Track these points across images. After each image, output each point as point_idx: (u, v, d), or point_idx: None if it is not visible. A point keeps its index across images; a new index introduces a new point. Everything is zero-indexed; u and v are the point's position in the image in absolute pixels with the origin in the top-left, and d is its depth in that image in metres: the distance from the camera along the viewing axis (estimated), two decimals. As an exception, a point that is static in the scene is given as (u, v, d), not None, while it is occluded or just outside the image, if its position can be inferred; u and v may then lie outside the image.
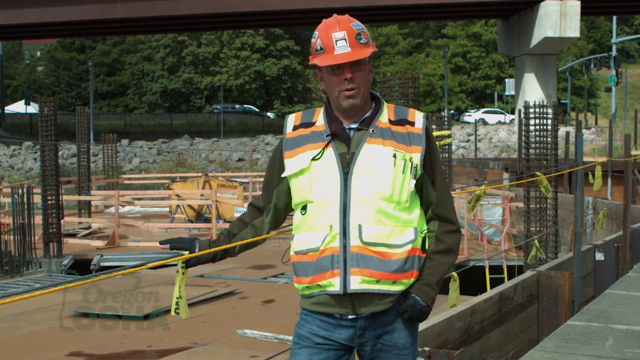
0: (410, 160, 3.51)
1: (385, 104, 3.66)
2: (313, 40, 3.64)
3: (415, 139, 3.56)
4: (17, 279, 14.11)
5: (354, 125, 3.58)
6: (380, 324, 3.57)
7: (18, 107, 74.09)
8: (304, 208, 3.59)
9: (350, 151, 3.53)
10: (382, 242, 3.47)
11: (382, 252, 3.47)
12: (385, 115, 3.60)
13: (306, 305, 3.65)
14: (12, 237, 14.87)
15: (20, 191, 15.13)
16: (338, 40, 3.52)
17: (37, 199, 15.98)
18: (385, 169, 3.49)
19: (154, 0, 47.99)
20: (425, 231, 3.62)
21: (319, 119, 3.65)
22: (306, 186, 3.57)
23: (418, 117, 3.61)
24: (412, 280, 3.54)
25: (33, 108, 64.21)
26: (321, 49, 3.58)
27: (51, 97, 17.42)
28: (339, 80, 3.54)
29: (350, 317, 3.56)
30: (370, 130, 3.54)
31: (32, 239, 15.15)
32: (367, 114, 3.59)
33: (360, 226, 3.47)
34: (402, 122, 3.58)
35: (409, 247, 3.50)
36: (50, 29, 55.78)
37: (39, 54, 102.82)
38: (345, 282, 3.48)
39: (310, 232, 3.57)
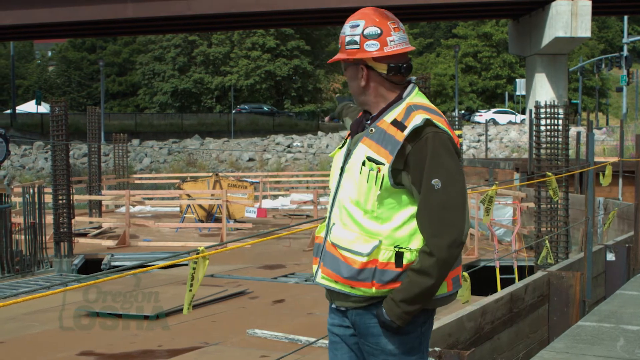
0: (378, 170, 3.41)
1: (406, 101, 3.54)
2: None
3: (393, 147, 3.42)
4: (28, 278, 14.14)
5: (369, 122, 3.62)
6: (366, 325, 3.55)
7: (29, 107, 74.22)
8: None
9: (349, 148, 3.61)
10: (345, 246, 3.47)
11: (345, 256, 3.47)
12: (394, 114, 3.51)
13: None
14: (23, 237, 14.90)
15: (31, 191, 15.16)
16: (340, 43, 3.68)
17: (48, 199, 16.01)
18: (355, 174, 3.50)
19: (165, 0, 48.06)
20: (404, 246, 3.44)
21: None
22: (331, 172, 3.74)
23: (412, 124, 3.41)
24: (374, 290, 3.44)
25: (44, 108, 64.33)
26: None
27: (62, 97, 17.37)
28: None
29: (333, 305, 3.65)
30: (369, 130, 3.53)
31: (43, 239, 15.17)
32: (377, 112, 3.59)
33: (333, 225, 3.55)
34: (400, 125, 3.45)
35: (364, 259, 3.42)
36: (61, 29, 55.91)
37: (50, 54, 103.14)
38: (317, 272, 3.62)
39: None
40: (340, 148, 3.69)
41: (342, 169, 3.57)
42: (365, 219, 3.45)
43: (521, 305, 8.06)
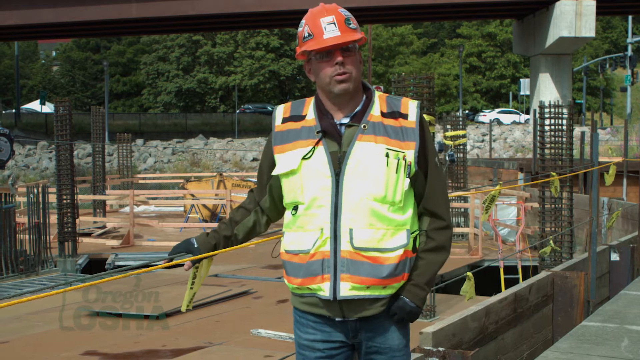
0: (403, 159, 3.36)
1: (377, 95, 3.48)
2: (300, 29, 3.46)
3: (409, 134, 3.39)
4: (33, 278, 14.15)
5: (345, 121, 3.41)
6: (373, 326, 3.48)
7: (33, 106, 74.39)
8: (295, 208, 3.46)
9: (341, 150, 3.37)
10: (373, 246, 3.34)
11: (374, 257, 3.35)
12: (377, 107, 3.43)
13: (297, 304, 3.59)
14: (27, 237, 14.91)
15: (35, 190, 15.17)
16: (327, 24, 3.36)
17: (52, 199, 16.01)
18: (378, 169, 3.33)
19: (169, 0, 48.10)
20: (417, 231, 3.47)
21: (309, 112, 3.48)
22: (297, 186, 3.42)
23: (411, 109, 3.43)
24: (402, 282, 3.43)
25: (48, 108, 64.47)
26: (309, 35, 3.39)
27: (66, 97, 17.38)
28: (329, 65, 3.38)
29: (338, 319, 3.48)
30: (362, 127, 3.37)
31: (48, 238, 15.18)
32: (359, 107, 3.42)
33: (351, 230, 3.34)
34: (395, 114, 3.41)
35: (400, 251, 3.37)
36: (66, 29, 56.00)
37: (54, 53, 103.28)
38: (335, 288, 3.38)
39: (301, 232, 3.44)
40: (307, 158, 3.40)
41: (340, 172, 3.35)
42: (391, 212, 3.37)
43: (525, 306, 8.05)
